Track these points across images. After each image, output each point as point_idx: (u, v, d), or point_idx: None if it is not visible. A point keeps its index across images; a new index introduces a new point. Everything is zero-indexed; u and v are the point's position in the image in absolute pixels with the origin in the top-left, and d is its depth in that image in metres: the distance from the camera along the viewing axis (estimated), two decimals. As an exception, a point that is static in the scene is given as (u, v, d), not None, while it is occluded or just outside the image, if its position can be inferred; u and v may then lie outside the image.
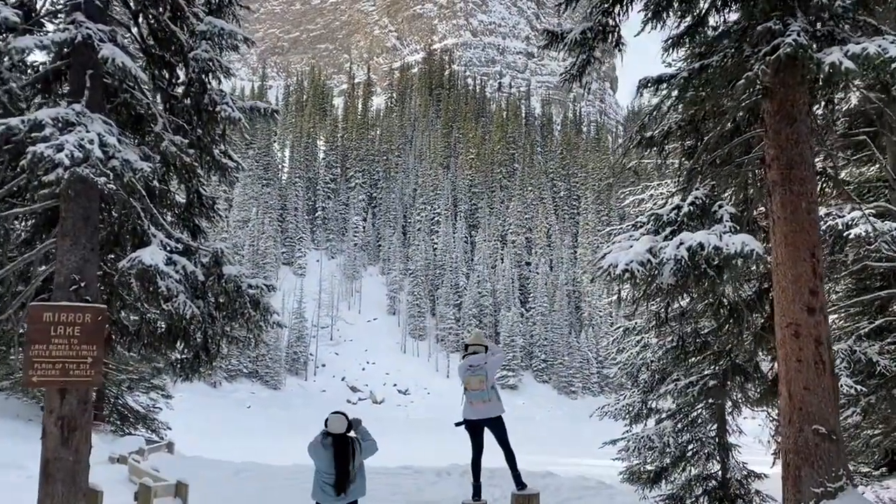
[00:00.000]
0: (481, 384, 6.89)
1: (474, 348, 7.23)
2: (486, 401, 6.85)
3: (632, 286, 5.79)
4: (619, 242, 6.06)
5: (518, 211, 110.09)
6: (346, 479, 6.43)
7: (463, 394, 7.06)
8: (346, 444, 6.53)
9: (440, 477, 17.58)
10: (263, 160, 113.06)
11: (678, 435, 10.25)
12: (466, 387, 6.99)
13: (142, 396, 22.90)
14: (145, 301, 7.28)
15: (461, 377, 7.10)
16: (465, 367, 7.09)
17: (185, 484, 11.04)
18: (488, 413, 6.90)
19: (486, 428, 7.00)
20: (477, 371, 6.96)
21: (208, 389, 74.41)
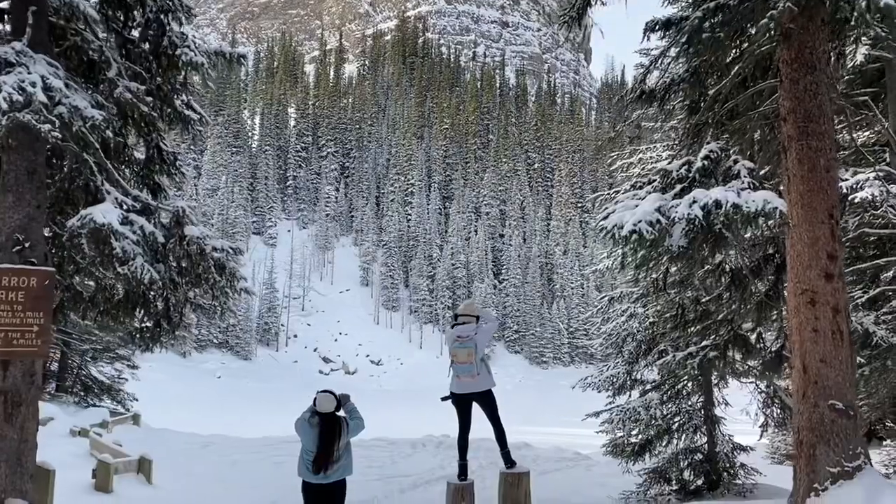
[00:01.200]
0: (469, 357, 6.40)
1: (464, 318, 6.72)
2: (473, 375, 6.38)
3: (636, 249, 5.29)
4: (622, 202, 5.55)
5: (492, 182, 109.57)
6: (326, 458, 6.03)
7: (450, 366, 6.56)
8: (333, 423, 6.11)
9: (415, 449, 17.23)
10: (233, 127, 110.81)
11: (664, 407, 9.91)
12: (453, 359, 6.51)
13: (106, 367, 22.10)
14: (99, 265, 6.61)
15: (448, 348, 6.59)
16: (453, 337, 6.59)
17: (148, 459, 10.48)
18: (476, 387, 6.44)
19: (475, 403, 6.52)
20: (465, 343, 6.46)
21: (178, 359, 73.36)
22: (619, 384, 10.66)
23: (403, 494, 11.64)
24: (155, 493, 9.88)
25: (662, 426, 9.91)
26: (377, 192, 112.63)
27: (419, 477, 13.45)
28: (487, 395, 6.49)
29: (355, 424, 6.16)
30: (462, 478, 6.43)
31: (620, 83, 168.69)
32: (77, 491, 8.92)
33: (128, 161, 7.80)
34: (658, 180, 5.58)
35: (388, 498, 10.88)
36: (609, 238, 5.34)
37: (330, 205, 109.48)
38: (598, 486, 13.18)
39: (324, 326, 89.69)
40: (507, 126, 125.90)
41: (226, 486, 11.28)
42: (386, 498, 10.80)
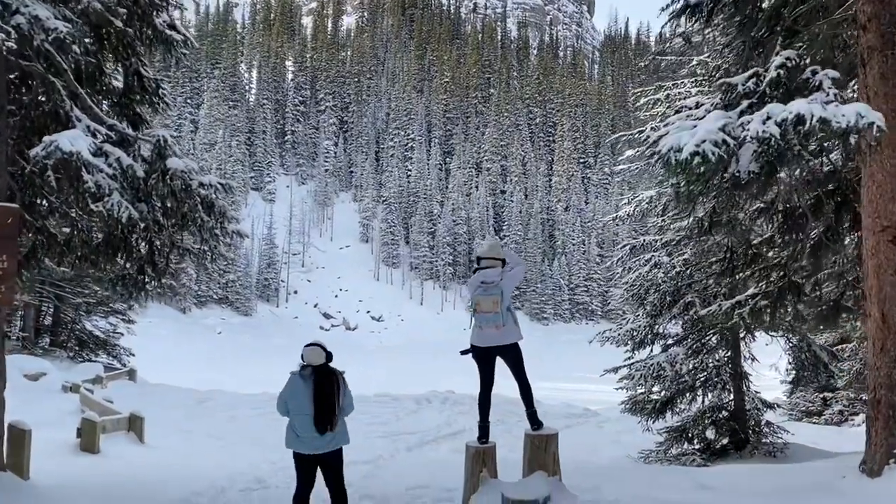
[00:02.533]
0: (495, 305, 5.63)
1: (488, 262, 5.90)
2: (498, 326, 5.62)
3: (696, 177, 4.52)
4: (675, 123, 4.77)
5: (493, 137, 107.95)
6: (329, 413, 5.31)
7: (471, 316, 5.82)
8: (328, 374, 5.40)
9: (420, 405, 16.72)
10: (230, 81, 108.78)
11: (689, 362, 9.26)
12: (476, 308, 5.74)
13: (101, 321, 21.51)
14: (71, 202, 5.86)
15: (470, 296, 5.85)
16: (476, 283, 5.82)
17: (139, 417, 9.87)
18: (501, 339, 5.70)
19: (499, 357, 5.81)
20: (490, 290, 5.69)
21: (178, 315, 73.24)
22: (639, 338, 10.00)
23: (410, 453, 11.10)
24: (146, 453, 9.29)
25: (688, 382, 9.28)
26: (377, 147, 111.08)
27: (425, 434, 12.93)
28: (513, 349, 5.77)
29: (349, 400, 5.47)
30: (483, 440, 5.75)
31: (624, 36, 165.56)
32: (61, 451, 8.32)
33: (104, 90, 6.97)
34: (720, 97, 4.79)
35: (394, 457, 10.32)
36: (663, 165, 4.57)
37: (329, 160, 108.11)
38: (613, 445, 12.66)
39: (324, 282, 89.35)
40: (509, 80, 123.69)
41: (223, 444, 10.73)
42: (391, 457, 10.24)
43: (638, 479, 6.62)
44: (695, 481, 5.95)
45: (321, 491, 5.50)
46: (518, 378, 5.83)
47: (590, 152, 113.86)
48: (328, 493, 5.55)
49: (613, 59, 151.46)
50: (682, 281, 9.58)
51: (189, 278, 74.10)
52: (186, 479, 7.28)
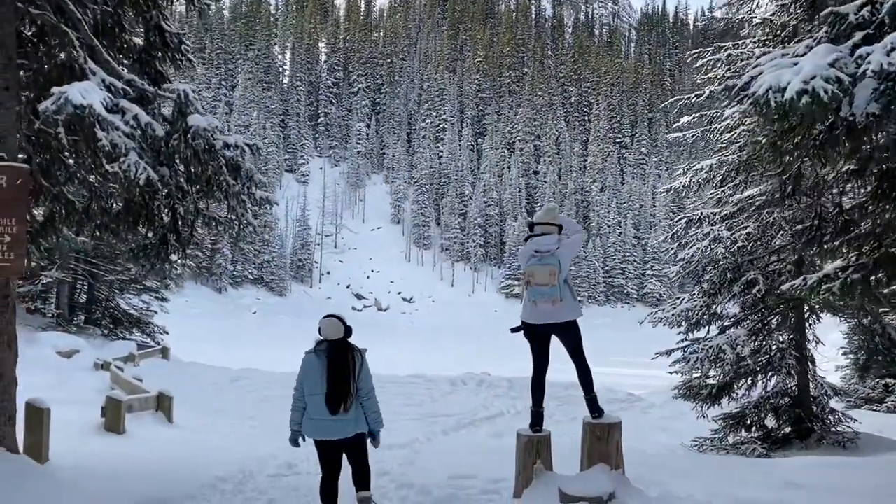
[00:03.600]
0: (551, 277, 4.98)
1: (543, 228, 5.24)
2: (555, 301, 4.98)
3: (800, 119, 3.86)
4: (768, 63, 4.10)
5: (527, 117, 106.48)
6: (344, 391, 4.75)
7: (524, 289, 5.19)
8: (344, 349, 4.86)
9: (455, 387, 16.24)
10: (264, 63, 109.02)
11: (751, 344, 8.57)
12: (529, 280, 5.09)
13: (134, 299, 21.39)
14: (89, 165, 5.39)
15: (523, 266, 5.23)
16: (529, 252, 5.16)
17: (168, 396, 9.49)
18: (558, 317, 5.05)
19: (555, 336, 5.21)
20: (546, 259, 5.02)
21: (214, 295, 74.02)
22: (695, 319, 9.31)
23: (447, 436, 10.61)
24: (173, 433, 8.93)
25: (749, 366, 8.59)
26: (408, 129, 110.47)
27: (462, 417, 12.43)
28: (571, 328, 5.13)
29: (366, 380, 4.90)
30: (536, 428, 5.16)
31: (662, 13, 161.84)
32: (85, 431, 7.98)
33: (124, 48, 6.49)
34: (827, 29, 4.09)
35: (430, 441, 9.83)
36: (758, 109, 3.90)
37: (361, 142, 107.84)
38: (660, 431, 12.01)
39: (356, 263, 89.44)
40: (543, 59, 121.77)
41: (253, 425, 10.35)
42: (428, 441, 9.75)
43: (707, 471, 6.00)
44: (778, 477, 5.32)
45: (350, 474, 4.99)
46: (576, 360, 5.22)
47: (626, 132, 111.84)
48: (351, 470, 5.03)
49: (650, 37, 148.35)
50: (744, 256, 8.86)
51: (225, 258, 74.82)
52: (213, 461, 6.87)
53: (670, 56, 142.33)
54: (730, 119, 9.15)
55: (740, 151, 8.93)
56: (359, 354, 4.90)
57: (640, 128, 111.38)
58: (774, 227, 8.40)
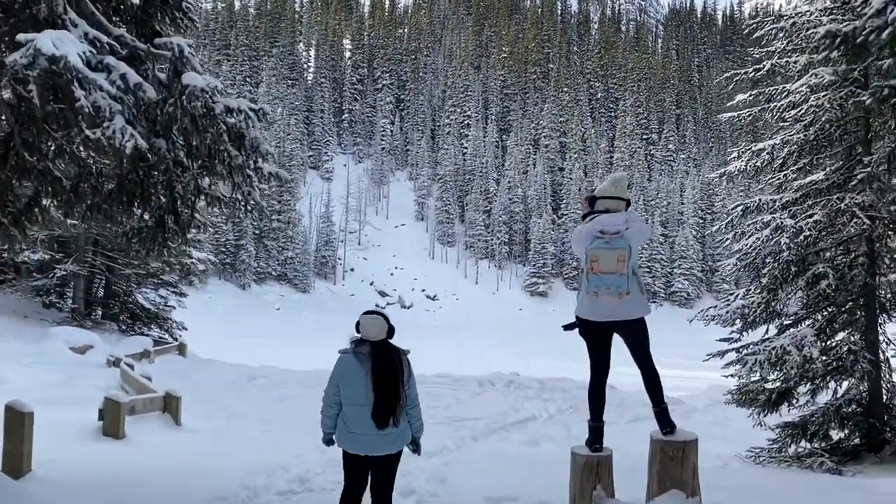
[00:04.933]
0: (620, 265, 4.10)
1: (609, 203, 4.33)
2: (621, 294, 4.10)
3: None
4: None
5: (552, 114, 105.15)
6: (394, 403, 4.04)
7: (583, 279, 4.28)
8: (390, 352, 4.12)
9: (483, 388, 15.42)
10: (288, 59, 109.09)
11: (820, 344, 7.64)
12: (591, 267, 4.15)
13: (151, 294, 20.87)
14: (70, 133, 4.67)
15: (583, 249, 4.24)
16: (592, 233, 4.20)
17: (175, 396, 8.79)
18: (623, 313, 4.18)
19: (618, 335, 4.35)
20: (614, 242, 4.12)
21: (237, 291, 74.04)
22: (752, 317, 8.39)
23: (477, 443, 9.80)
24: (179, 438, 8.22)
25: (818, 370, 7.67)
26: (433, 125, 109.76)
27: (492, 421, 11.60)
28: (639, 327, 4.26)
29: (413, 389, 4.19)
30: (596, 446, 4.31)
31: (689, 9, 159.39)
32: (81, 436, 7.30)
33: (118, 7, 5.76)
34: None
35: (460, 448, 9.03)
36: None
37: (385, 138, 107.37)
38: (708, 439, 11.03)
39: (380, 260, 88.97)
40: (569, 55, 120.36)
41: (268, 427, 9.62)
42: (457, 448, 8.95)
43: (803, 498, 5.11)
44: None
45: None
46: (642, 365, 4.34)
47: (653, 128, 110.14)
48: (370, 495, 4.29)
49: (678, 33, 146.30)
50: (808, 247, 7.93)
51: (248, 255, 74.73)
52: (217, 474, 6.14)
53: (698, 52, 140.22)
54: (792, 96, 8.22)
55: (806, 130, 8.01)
56: (405, 358, 4.16)
57: (667, 124, 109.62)
58: (846, 213, 7.46)
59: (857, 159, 8.24)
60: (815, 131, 7.90)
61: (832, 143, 7.96)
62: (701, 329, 29.48)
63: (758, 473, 7.48)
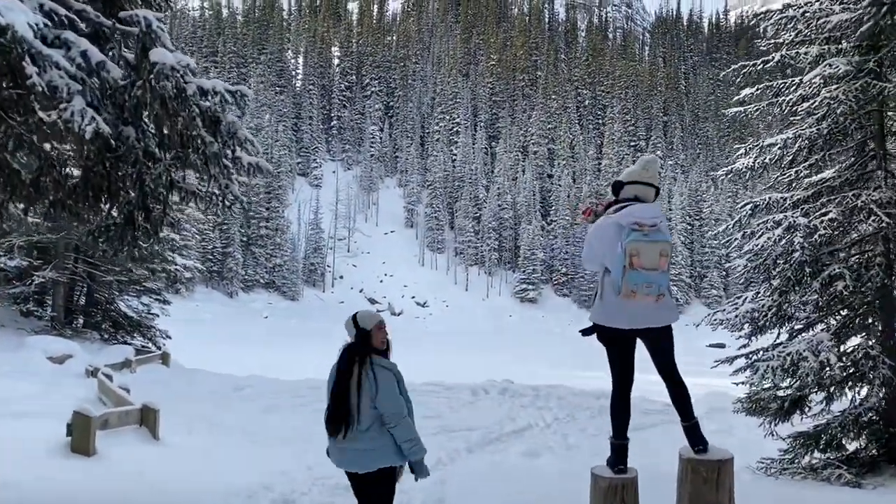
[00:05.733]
0: (663, 261, 3.61)
1: (640, 190, 3.85)
2: (661, 294, 3.62)
3: None
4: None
5: (540, 121, 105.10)
6: (341, 413, 3.70)
7: (606, 280, 3.76)
8: (349, 356, 3.81)
9: (476, 396, 14.95)
10: (276, 66, 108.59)
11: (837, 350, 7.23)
12: (632, 262, 3.57)
13: (133, 301, 20.26)
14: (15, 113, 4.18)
15: (615, 245, 3.67)
16: (627, 224, 3.66)
17: (153, 409, 8.26)
18: (657, 318, 3.70)
19: (643, 343, 3.87)
20: (654, 235, 3.61)
21: (224, 299, 73.23)
22: (763, 321, 7.96)
23: (472, 455, 9.32)
24: (155, 454, 7.69)
25: (836, 377, 7.26)
26: (422, 132, 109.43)
27: (487, 431, 11.13)
28: (667, 334, 3.81)
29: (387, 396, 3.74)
30: (619, 467, 3.82)
31: (676, 17, 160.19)
32: (49, 453, 6.76)
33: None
34: None
35: (455, 461, 8.56)
36: None
37: (374, 145, 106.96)
38: (711, 448, 10.60)
39: (369, 268, 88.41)
40: (557, 62, 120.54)
41: (252, 441, 9.10)
42: (452, 461, 8.47)
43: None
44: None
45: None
46: (668, 374, 3.87)
47: (641, 135, 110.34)
48: None
49: (665, 41, 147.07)
50: (823, 248, 7.53)
51: (236, 262, 73.93)
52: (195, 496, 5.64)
53: (685, 59, 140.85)
54: (803, 89, 7.84)
55: (819, 124, 7.62)
56: (373, 369, 3.71)
57: (654, 131, 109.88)
58: (863, 211, 7.06)
59: (870, 155, 7.87)
60: (828, 125, 7.51)
61: (847, 137, 7.57)
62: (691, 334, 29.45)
63: (784, 489, 7.05)
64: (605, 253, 3.77)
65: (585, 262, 4.06)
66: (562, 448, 10.27)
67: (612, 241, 3.71)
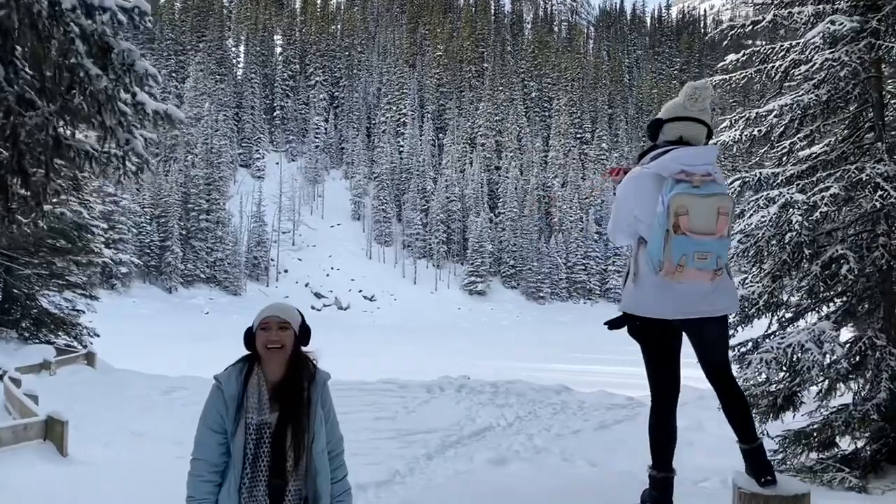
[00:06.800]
0: (722, 222, 2.66)
1: (687, 129, 2.90)
2: (716, 271, 2.67)
3: None
4: None
5: (488, 112, 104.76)
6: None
7: (640, 256, 2.84)
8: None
9: (432, 394, 14.00)
10: (216, 54, 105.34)
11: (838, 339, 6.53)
12: (678, 223, 2.61)
13: (56, 297, 18.61)
14: None
15: (654, 200, 2.75)
16: (671, 175, 2.72)
17: (60, 421, 7.05)
18: (713, 304, 2.79)
19: (688, 337, 2.95)
20: (709, 188, 2.67)
21: (163, 295, 70.62)
22: (752, 309, 7.22)
23: (432, 462, 8.36)
24: (58, 476, 6.48)
25: (842, 369, 6.56)
26: (368, 123, 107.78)
27: (447, 433, 10.19)
28: (722, 327, 2.91)
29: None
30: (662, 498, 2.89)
31: (619, 10, 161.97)
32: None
33: None
34: None
35: (414, 471, 7.59)
36: None
37: (319, 136, 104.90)
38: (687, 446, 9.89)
39: (315, 261, 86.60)
40: (504, 54, 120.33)
41: (179, 455, 7.94)
42: (411, 472, 7.51)
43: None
44: None
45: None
46: (722, 377, 2.91)
47: (587, 127, 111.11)
48: None
49: (609, 34, 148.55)
50: (823, 226, 6.83)
51: (175, 256, 71.23)
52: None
53: (628, 52, 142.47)
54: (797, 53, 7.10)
55: (817, 89, 6.90)
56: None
57: (600, 123, 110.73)
58: (868, 185, 6.36)
59: (867, 126, 7.19)
60: (827, 90, 6.79)
61: (848, 104, 6.87)
62: None
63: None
64: (641, 216, 2.83)
65: (613, 235, 3.06)
66: (529, 451, 9.41)
67: (649, 198, 2.77)
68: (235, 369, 2.52)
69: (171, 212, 72.72)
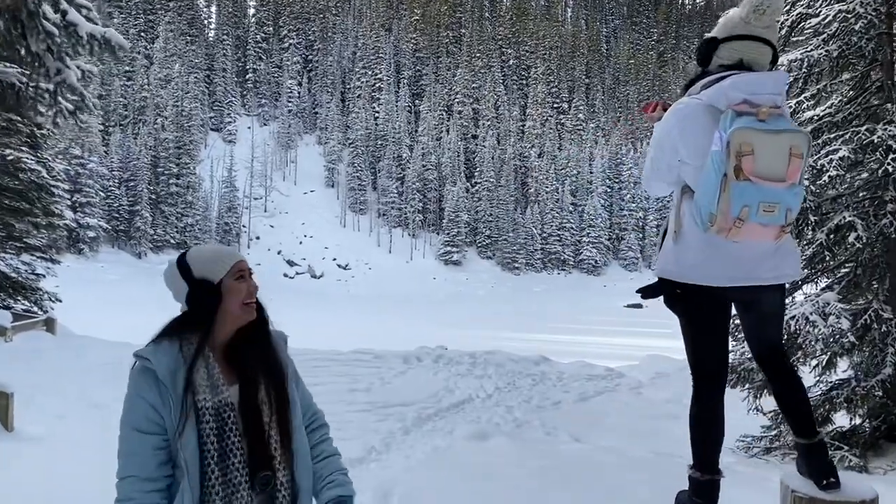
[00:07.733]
0: (795, 166, 2.08)
1: (749, 50, 2.29)
2: (783, 227, 2.13)
3: None
4: None
5: (465, 79, 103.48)
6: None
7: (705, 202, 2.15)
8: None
9: (408, 364, 13.57)
10: (187, 14, 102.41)
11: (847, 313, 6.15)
12: (741, 165, 2.03)
13: (13, 260, 17.75)
14: None
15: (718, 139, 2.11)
16: (731, 106, 2.15)
17: (4, 393, 6.47)
18: (770, 270, 2.25)
19: (736, 308, 2.47)
20: (778, 122, 2.10)
21: (132, 260, 69.31)
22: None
23: (409, 436, 7.94)
24: (1, 453, 5.94)
25: (847, 343, 6.22)
26: (343, 88, 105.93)
27: (423, 406, 9.78)
28: (780, 297, 2.41)
29: None
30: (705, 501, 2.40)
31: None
32: None
33: None
34: None
35: (390, 447, 7.16)
36: None
37: (292, 100, 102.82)
38: (671, 420, 9.66)
39: (288, 228, 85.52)
40: (482, 20, 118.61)
41: (140, 429, 7.43)
42: (387, 448, 7.07)
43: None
44: None
45: None
46: (773, 360, 2.42)
47: (564, 97, 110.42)
48: None
49: (587, 2, 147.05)
50: (826, 193, 6.43)
51: (144, 221, 69.72)
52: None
53: (606, 22, 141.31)
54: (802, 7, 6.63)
55: (827, 45, 6.44)
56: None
57: (577, 93, 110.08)
58: (880, 148, 5.95)
59: (875, 86, 6.76)
60: (838, 46, 6.33)
61: (861, 59, 6.42)
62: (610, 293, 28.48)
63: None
64: (688, 157, 2.32)
65: (648, 182, 2.53)
66: (510, 424, 9.05)
67: (700, 135, 2.25)
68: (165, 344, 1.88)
69: (140, 175, 71.06)
